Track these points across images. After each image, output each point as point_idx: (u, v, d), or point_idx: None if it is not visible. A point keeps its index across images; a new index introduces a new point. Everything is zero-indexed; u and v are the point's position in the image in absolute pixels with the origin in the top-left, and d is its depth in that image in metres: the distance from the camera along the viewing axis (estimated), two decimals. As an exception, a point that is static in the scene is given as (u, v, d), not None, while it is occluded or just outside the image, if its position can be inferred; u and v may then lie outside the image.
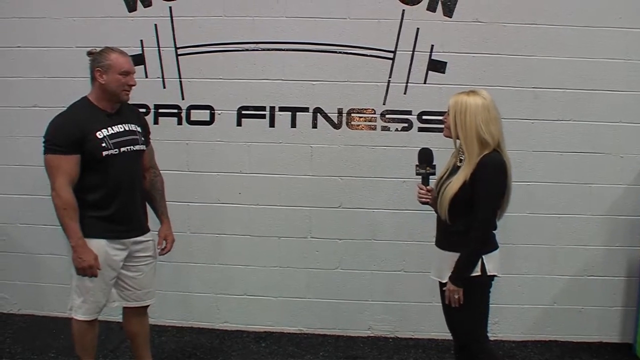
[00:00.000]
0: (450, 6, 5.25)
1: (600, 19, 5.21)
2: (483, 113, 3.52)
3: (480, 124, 3.50)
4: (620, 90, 5.27)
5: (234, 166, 5.52)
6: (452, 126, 3.58)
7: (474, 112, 3.51)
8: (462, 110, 3.54)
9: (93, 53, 3.97)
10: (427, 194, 3.83)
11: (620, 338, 5.55)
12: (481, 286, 3.62)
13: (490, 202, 3.53)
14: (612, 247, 5.46)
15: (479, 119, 3.50)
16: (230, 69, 5.43)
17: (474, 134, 3.51)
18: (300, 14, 5.34)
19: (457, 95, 3.61)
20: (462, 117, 3.53)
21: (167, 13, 5.42)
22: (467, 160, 3.53)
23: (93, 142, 3.84)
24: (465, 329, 3.72)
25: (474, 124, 3.50)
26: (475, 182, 3.48)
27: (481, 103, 3.53)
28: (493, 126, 3.54)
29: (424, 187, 3.85)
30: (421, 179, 3.89)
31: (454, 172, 3.65)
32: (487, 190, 3.50)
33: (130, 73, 3.96)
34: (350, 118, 5.42)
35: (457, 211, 3.55)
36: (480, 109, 3.52)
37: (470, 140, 3.52)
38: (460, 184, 3.51)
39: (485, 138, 3.50)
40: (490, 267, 3.58)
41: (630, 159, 5.35)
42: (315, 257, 5.58)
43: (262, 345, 5.44)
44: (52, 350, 5.19)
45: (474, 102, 3.53)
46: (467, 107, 3.53)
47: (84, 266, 3.80)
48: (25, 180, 5.64)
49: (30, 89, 5.59)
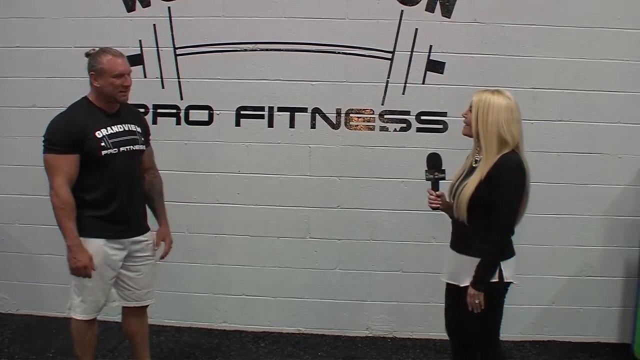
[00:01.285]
0: (449, 7, 5.25)
1: (599, 20, 5.21)
2: (506, 113, 3.50)
3: (502, 123, 3.48)
4: (619, 91, 5.28)
5: (233, 166, 5.52)
6: (474, 123, 3.56)
7: (497, 111, 3.49)
8: (485, 107, 3.51)
9: (90, 54, 3.97)
10: (437, 199, 3.81)
11: (618, 338, 5.56)
12: (497, 292, 3.61)
13: (510, 206, 3.51)
14: (611, 248, 5.47)
15: (502, 118, 3.49)
16: (229, 69, 5.43)
17: (495, 133, 3.49)
18: (299, 15, 5.34)
19: (480, 93, 3.59)
20: (485, 114, 3.51)
21: (166, 13, 5.42)
22: (484, 158, 3.52)
23: (92, 141, 3.85)
24: (479, 334, 3.70)
25: (496, 122, 3.48)
26: (494, 185, 3.45)
27: (505, 103, 3.51)
28: (514, 127, 3.52)
29: (434, 193, 3.83)
30: (431, 184, 3.86)
31: (470, 173, 3.63)
32: (506, 193, 3.47)
33: (125, 74, 3.94)
34: (349, 118, 5.42)
35: (475, 213, 3.53)
36: (504, 108, 3.50)
37: (490, 139, 3.50)
38: (477, 184, 3.49)
39: (505, 138, 3.48)
40: (507, 274, 3.56)
41: (629, 159, 5.35)
42: (313, 257, 5.59)
43: (260, 345, 5.44)
44: (51, 350, 5.20)
45: (498, 101, 3.51)
46: (490, 105, 3.51)
47: (78, 266, 3.82)
48: (24, 180, 5.65)
49: (29, 88, 5.59)
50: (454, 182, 3.74)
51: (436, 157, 3.88)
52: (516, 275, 3.65)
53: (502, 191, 3.46)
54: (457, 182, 3.69)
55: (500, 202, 3.46)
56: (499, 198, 3.46)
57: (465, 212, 3.54)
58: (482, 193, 3.48)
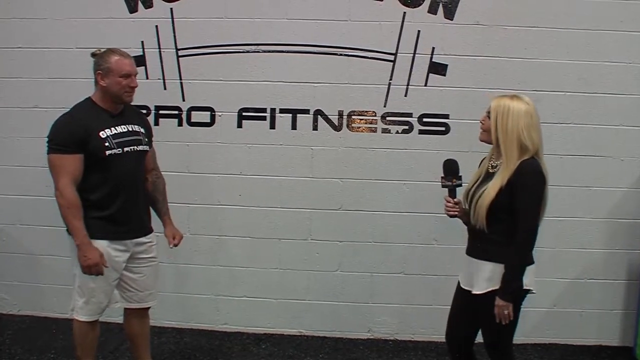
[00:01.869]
0: (451, 9, 5.25)
1: (601, 22, 5.21)
2: (526, 118, 3.46)
3: (522, 128, 3.44)
4: (621, 94, 5.28)
5: (235, 168, 5.52)
6: (493, 129, 3.52)
7: (517, 117, 3.46)
8: (504, 113, 3.48)
9: (96, 54, 3.97)
10: (454, 206, 3.76)
11: (620, 341, 5.55)
12: (516, 299, 3.57)
13: (533, 212, 3.46)
14: (613, 250, 5.46)
15: (522, 123, 3.45)
16: (231, 71, 5.43)
17: (515, 139, 3.45)
18: (302, 16, 5.34)
19: (499, 98, 3.56)
20: (504, 120, 3.47)
21: (168, 14, 5.42)
22: (505, 165, 3.48)
23: (96, 141, 3.86)
24: (494, 341, 3.68)
25: (516, 128, 3.45)
26: (516, 191, 3.42)
27: (524, 108, 3.48)
28: (534, 132, 3.49)
29: (452, 200, 3.78)
30: (448, 192, 3.80)
31: (487, 178, 3.59)
32: (529, 199, 3.44)
33: (132, 75, 3.97)
34: (351, 120, 5.42)
35: (495, 219, 3.50)
36: (523, 113, 3.46)
37: (510, 145, 3.46)
38: (497, 190, 3.45)
39: (526, 144, 3.45)
40: (527, 281, 3.53)
41: (631, 162, 5.35)
42: (315, 259, 5.58)
43: (262, 347, 5.44)
44: (52, 351, 5.19)
45: (517, 107, 3.48)
46: (509, 111, 3.47)
47: (89, 264, 3.80)
48: (25, 181, 5.64)
49: (31, 89, 5.59)
50: (470, 188, 3.70)
51: (453, 163, 3.82)
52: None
53: (524, 198, 3.43)
54: (474, 188, 3.65)
55: (524, 210, 3.43)
56: (522, 205, 3.43)
57: (484, 219, 3.51)
58: (503, 199, 3.45)
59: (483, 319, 3.65)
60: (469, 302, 3.72)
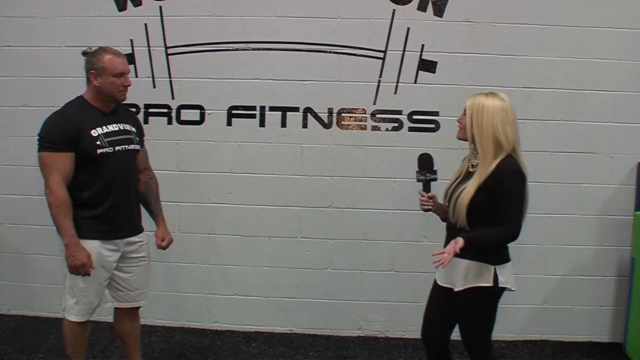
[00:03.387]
0: (441, 6, 5.26)
1: (590, 19, 5.23)
2: (501, 114, 3.46)
3: (497, 124, 3.44)
4: (610, 90, 5.29)
5: (224, 166, 5.52)
6: (468, 126, 3.51)
7: (492, 113, 3.45)
8: (479, 110, 3.48)
9: (88, 53, 3.95)
10: (428, 200, 3.78)
11: (610, 337, 5.57)
12: (491, 297, 3.58)
13: (517, 213, 3.45)
14: (603, 247, 5.47)
15: (496, 119, 3.45)
16: (221, 69, 5.43)
17: (490, 135, 3.44)
18: (291, 14, 5.34)
19: (474, 96, 3.56)
20: (479, 117, 3.47)
21: (157, 12, 5.41)
22: (482, 163, 3.47)
23: (87, 139, 3.83)
24: (471, 338, 3.68)
25: (491, 124, 3.45)
26: (496, 192, 3.41)
27: (500, 104, 3.47)
28: (509, 128, 3.47)
29: (425, 194, 3.79)
30: (422, 186, 3.82)
31: (466, 177, 3.59)
32: (511, 201, 3.43)
33: (125, 73, 3.95)
34: (341, 118, 5.42)
35: (474, 218, 3.49)
36: (498, 109, 3.46)
37: (486, 142, 3.45)
38: (475, 189, 3.44)
39: (500, 140, 3.44)
40: (503, 280, 3.52)
41: (621, 158, 5.36)
42: (305, 257, 5.58)
43: (252, 345, 5.43)
44: (42, 350, 5.18)
45: (492, 103, 3.48)
46: (484, 108, 3.47)
47: (76, 264, 3.78)
48: (15, 181, 5.63)
49: (21, 88, 5.58)
50: (450, 186, 3.70)
51: (427, 157, 3.84)
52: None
53: (506, 200, 3.42)
54: (453, 187, 3.65)
55: (507, 212, 3.42)
56: (504, 207, 3.42)
57: (464, 218, 3.49)
58: (481, 198, 3.44)
59: (461, 316, 3.67)
60: (446, 299, 3.72)
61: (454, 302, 3.65)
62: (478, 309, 3.59)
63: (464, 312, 3.62)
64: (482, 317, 3.62)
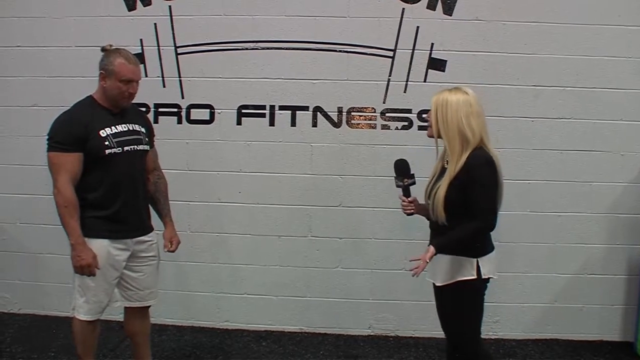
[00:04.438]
0: (450, 4, 5.25)
1: (600, 17, 5.21)
2: (464, 107, 3.47)
3: (461, 117, 3.45)
4: (620, 88, 5.27)
5: (234, 165, 5.52)
6: (434, 122, 3.53)
7: (455, 107, 3.47)
8: (443, 105, 3.49)
9: (106, 50, 3.95)
10: (410, 204, 3.86)
11: (621, 336, 5.55)
12: (475, 289, 3.60)
13: (488, 204, 3.45)
14: (613, 245, 5.46)
15: (460, 113, 3.46)
16: (230, 68, 5.43)
17: (456, 129, 3.46)
18: (300, 13, 5.34)
19: (439, 93, 3.57)
20: (444, 112, 3.49)
21: (167, 12, 5.42)
22: (451, 158, 3.50)
23: (96, 140, 3.84)
24: (458, 332, 3.69)
25: (455, 118, 3.46)
26: (467, 185, 3.42)
27: (463, 98, 3.49)
28: (474, 120, 3.47)
29: (406, 199, 3.87)
30: (402, 191, 3.88)
31: (442, 174, 3.60)
32: (481, 192, 3.43)
33: (133, 81, 3.93)
34: (350, 117, 5.42)
35: (452, 213, 3.50)
36: (462, 103, 3.47)
37: (453, 136, 3.46)
38: (448, 184, 3.47)
39: (466, 134, 3.44)
40: (486, 271, 3.54)
41: (631, 157, 5.35)
42: (315, 256, 5.58)
43: (262, 345, 5.44)
44: (52, 349, 5.19)
45: (455, 98, 3.49)
46: (447, 102, 3.49)
47: (82, 264, 3.79)
48: (25, 180, 5.65)
49: (30, 88, 5.60)
50: (428, 184, 3.73)
51: (403, 163, 3.90)
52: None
53: (477, 192, 3.42)
54: (431, 184, 3.68)
55: (478, 203, 3.43)
56: (475, 197, 3.43)
57: (442, 214, 3.51)
58: (454, 194, 3.46)
59: (446, 312, 3.71)
60: (437, 293, 3.79)
61: (440, 296, 3.73)
62: (464, 303, 3.61)
63: (450, 307, 3.66)
64: (469, 310, 3.64)
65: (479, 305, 3.65)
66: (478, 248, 3.58)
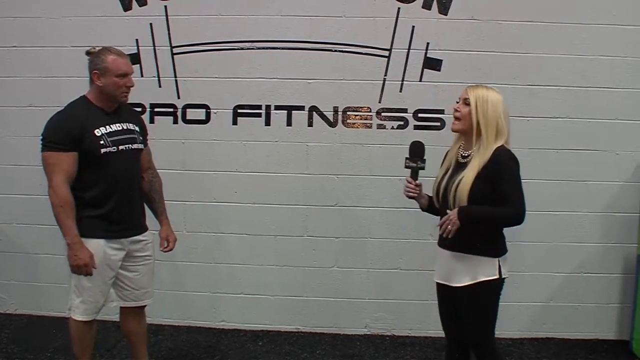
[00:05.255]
0: (446, 4, 5.25)
1: (595, 16, 5.22)
2: (502, 105, 3.56)
3: (500, 114, 3.53)
4: (616, 88, 5.28)
5: (230, 165, 5.53)
6: (474, 114, 3.54)
7: (495, 103, 3.54)
8: (484, 100, 3.54)
9: (92, 53, 3.95)
10: (415, 188, 3.83)
11: (616, 335, 5.56)
12: (496, 289, 3.63)
13: (520, 196, 3.49)
14: (609, 244, 5.47)
15: (499, 110, 3.54)
16: (226, 68, 5.44)
17: (494, 124, 3.52)
18: (296, 13, 5.34)
19: (475, 88, 3.62)
20: (485, 106, 3.53)
21: (163, 12, 5.42)
22: (482, 149, 3.52)
23: (91, 139, 3.84)
24: (477, 331, 3.69)
25: (495, 114, 3.53)
26: (498, 178, 3.45)
27: (500, 97, 3.59)
28: (507, 121, 3.58)
29: (413, 182, 3.83)
30: (410, 172, 3.85)
31: (459, 168, 3.61)
32: (514, 185, 3.48)
33: (128, 74, 3.95)
34: (346, 116, 5.42)
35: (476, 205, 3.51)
36: (500, 101, 3.57)
37: (491, 130, 3.52)
38: (475, 176, 3.47)
39: (502, 129, 3.53)
40: (505, 270, 3.59)
41: (627, 156, 5.36)
42: (311, 255, 5.59)
43: (259, 344, 5.44)
44: (49, 349, 5.19)
45: (494, 95, 3.57)
46: (488, 98, 3.55)
47: (79, 264, 3.79)
48: (21, 180, 5.64)
49: (26, 88, 5.60)
50: (440, 181, 3.71)
51: (420, 145, 3.88)
52: (510, 272, 3.65)
53: (509, 182, 3.46)
54: (446, 180, 3.66)
55: (511, 193, 3.46)
56: (508, 188, 3.46)
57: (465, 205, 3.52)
58: (480, 186, 3.46)
59: (466, 312, 3.68)
60: (447, 295, 3.75)
61: (457, 297, 3.68)
62: (485, 303, 3.63)
63: (470, 307, 3.64)
64: (489, 310, 3.66)
65: (497, 305, 3.68)
66: (499, 247, 3.62)
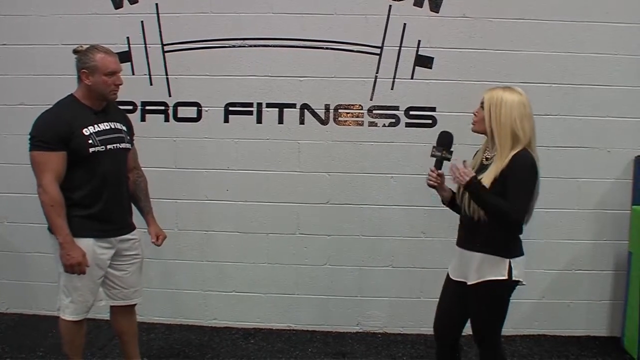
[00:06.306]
0: (437, 1, 5.25)
1: (586, 13, 5.22)
2: (519, 108, 3.49)
3: (515, 119, 3.47)
4: (607, 85, 5.29)
5: (222, 163, 5.52)
6: (487, 119, 3.53)
7: (510, 107, 3.48)
8: (497, 103, 3.50)
9: (79, 51, 3.94)
10: (437, 178, 3.77)
11: (608, 332, 5.58)
12: (506, 290, 3.61)
13: (524, 197, 3.46)
14: (600, 242, 5.48)
15: (515, 114, 3.47)
16: (217, 66, 5.42)
17: (508, 129, 3.47)
18: (287, 10, 5.33)
19: (492, 90, 3.58)
20: (498, 110, 3.49)
21: (154, 10, 5.40)
22: (499, 155, 3.50)
23: (80, 138, 3.83)
24: (484, 331, 3.69)
25: (509, 119, 3.47)
26: (509, 180, 3.44)
27: (517, 99, 3.50)
28: (527, 123, 3.50)
29: (436, 170, 3.77)
30: (435, 161, 3.80)
31: (481, 170, 3.61)
32: (519, 192, 3.45)
33: (117, 72, 3.94)
34: (338, 114, 5.41)
35: None
36: (517, 104, 3.49)
37: (505, 135, 3.48)
38: (492, 180, 3.47)
39: (518, 134, 3.47)
40: (516, 273, 3.55)
41: (618, 153, 5.36)
42: (303, 253, 5.59)
43: (250, 342, 5.43)
44: (41, 349, 5.18)
45: (511, 97, 3.50)
46: (503, 101, 3.49)
47: (72, 263, 3.78)
48: (12, 179, 5.62)
49: (17, 87, 5.57)
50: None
51: (448, 135, 3.83)
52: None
53: (516, 185, 3.44)
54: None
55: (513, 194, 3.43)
56: (513, 190, 3.43)
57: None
58: (498, 190, 3.45)
59: (474, 310, 3.68)
60: (460, 294, 3.73)
61: (467, 296, 3.68)
62: (491, 303, 3.62)
63: (478, 305, 3.65)
64: (495, 311, 3.65)
65: (506, 306, 3.66)
66: (512, 248, 3.59)
